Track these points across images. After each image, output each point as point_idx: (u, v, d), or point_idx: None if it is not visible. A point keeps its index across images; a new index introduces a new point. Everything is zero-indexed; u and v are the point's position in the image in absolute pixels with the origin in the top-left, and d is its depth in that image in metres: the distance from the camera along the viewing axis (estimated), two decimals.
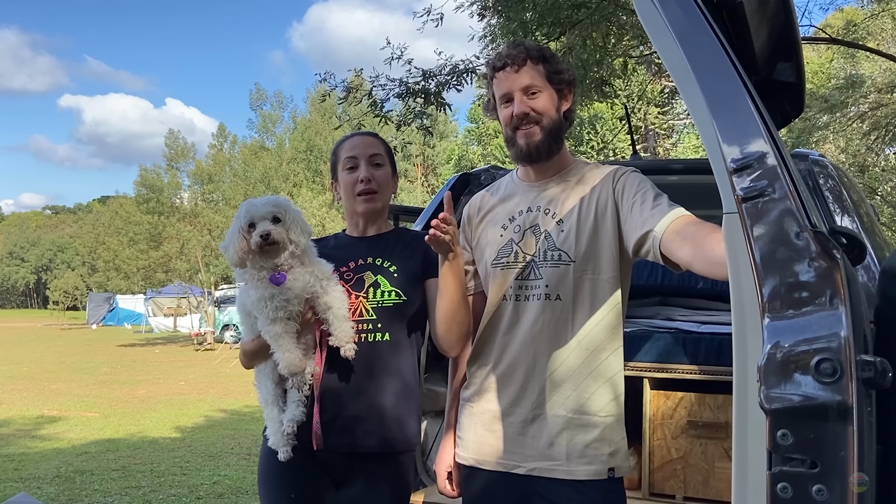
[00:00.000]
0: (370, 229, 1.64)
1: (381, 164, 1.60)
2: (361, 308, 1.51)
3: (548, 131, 1.39)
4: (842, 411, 0.81)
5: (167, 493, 4.42)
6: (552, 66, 1.40)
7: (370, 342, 1.49)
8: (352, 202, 1.59)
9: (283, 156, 25.52)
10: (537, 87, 1.38)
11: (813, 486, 0.82)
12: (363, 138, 1.64)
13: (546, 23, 5.81)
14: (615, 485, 1.36)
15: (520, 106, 1.38)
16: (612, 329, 1.38)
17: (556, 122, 1.40)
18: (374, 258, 1.57)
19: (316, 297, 1.47)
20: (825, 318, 0.83)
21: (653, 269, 2.63)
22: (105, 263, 21.84)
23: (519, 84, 1.38)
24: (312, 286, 1.46)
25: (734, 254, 0.90)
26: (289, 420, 1.47)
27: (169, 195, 20.15)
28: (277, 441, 1.49)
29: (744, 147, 0.90)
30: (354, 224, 1.65)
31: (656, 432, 2.09)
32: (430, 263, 1.54)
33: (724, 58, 0.94)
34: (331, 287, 1.48)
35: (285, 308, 1.44)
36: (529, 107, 1.38)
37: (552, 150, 1.41)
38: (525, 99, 1.38)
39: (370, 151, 1.60)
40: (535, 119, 1.38)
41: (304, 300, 1.47)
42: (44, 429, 6.77)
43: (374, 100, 6.40)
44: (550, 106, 1.40)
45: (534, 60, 1.39)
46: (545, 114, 1.39)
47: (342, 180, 1.61)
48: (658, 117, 17.00)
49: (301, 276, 1.46)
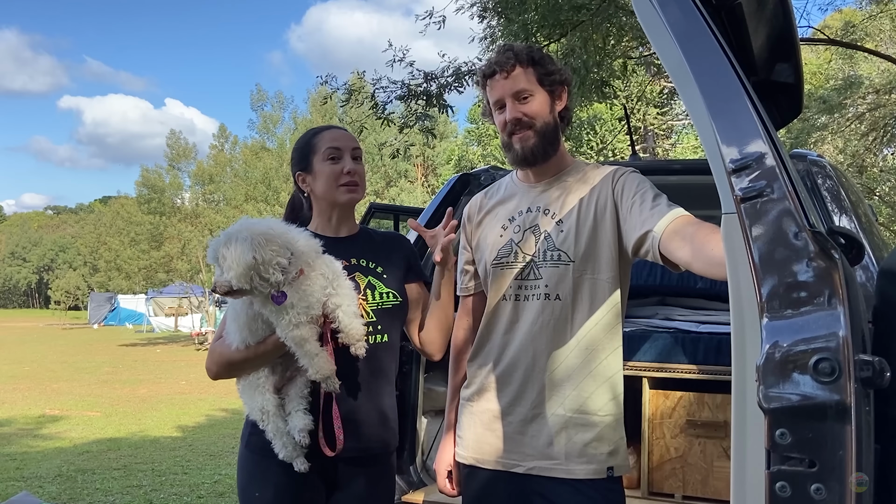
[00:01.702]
0: (343, 228, 1.58)
1: (359, 159, 1.58)
2: (361, 310, 1.49)
3: (542, 134, 1.39)
4: (840, 411, 0.81)
5: (168, 492, 4.43)
6: (543, 68, 1.40)
7: (371, 344, 1.47)
8: (333, 192, 1.53)
9: (283, 156, 25.51)
10: (528, 90, 1.39)
11: (811, 486, 0.82)
12: (344, 132, 1.61)
13: (546, 24, 5.82)
14: (614, 484, 1.36)
15: (512, 111, 1.39)
16: (612, 329, 1.38)
17: (549, 124, 1.40)
18: (359, 259, 1.54)
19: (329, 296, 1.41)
20: (823, 318, 0.83)
21: (652, 269, 2.63)
22: (106, 263, 21.86)
23: (510, 89, 1.39)
24: (325, 287, 1.40)
25: (733, 254, 0.90)
26: (300, 430, 1.38)
27: (170, 195, 20.18)
28: (290, 454, 1.41)
29: (742, 147, 0.90)
30: (327, 219, 1.58)
31: (655, 431, 2.09)
32: (411, 268, 1.58)
33: (722, 59, 0.95)
34: (341, 284, 1.43)
35: (307, 313, 1.37)
36: (521, 112, 1.38)
37: (548, 152, 1.41)
38: (517, 104, 1.39)
39: (353, 145, 1.57)
40: (528, 123, 1.39)
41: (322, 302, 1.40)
42: (45, 428, 6.78)
43: (376, 102, 6.41)
44: (543, 108, 1.40)
45: (523, 64, 1.39)
46: (538, 117, 1.39)
47: (321, 170, 1.53)
48: (657, 118, 17.00)
49: (315, 279, 1.39)
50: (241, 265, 1.31)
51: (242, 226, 1.38)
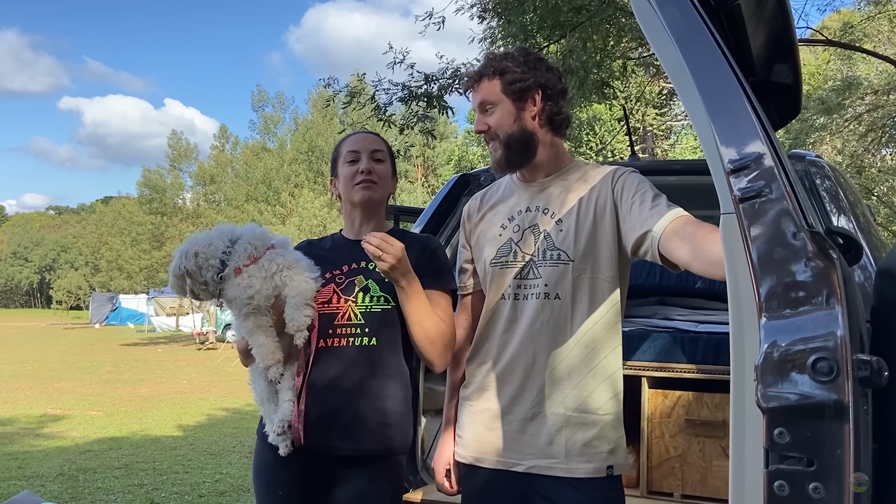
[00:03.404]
0: (365, 230, 1.60)
1: (381, 161, 1.61)
2: (350, 312, 1.50)
3: (505, 144, 1.42)
4: (838, 410, 0.81)
5: (169, 491, 4.43)
6: (509, 77, 1.41)
7: (357, 346, 1.49)
8: (349, 192, 1.59)
9: (284, 157, 25.55)
10: (491, 102, 1.42)
11: (809, 484, 0.82)
12: (366, 135, 1.66)
13: (546, 25, 5.82)
14: (614, 483, 1.36)
15: (476, 124, 1.45)
16: (611, 327, 1.39)
17: (513, 134, 1.41)
18: (368, 262, 1.55)
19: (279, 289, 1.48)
20: (822, 318, 0.83)
21: (651, 269, 2.63)
22: (108, 263, 21.91)
23: (475, 102, 1.45)
24: (270, 279, 1.47)
25: (731, 254, 0.91)
26: (279, 420, 1.48)
27: (172, 196, 20.21)
28: (275, 438, 1.50)
29: (741, 148, 0.91)
30: (351, 222, 1.64)
31: (654, 430, 2.09)
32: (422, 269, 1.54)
33: (721, 59, 0.95)
34: (293, 276, 1.48)
35: (249, 304, 1.47)
36: (485, 123, 1.43)
37: (515, 161, 1.43)
38: (481, 116, 1.44)
39: (372, 147, 1.61)
40: (492, 135, 1.43)
41: (269, 295, 1.47)
42: (47, 427, 6.79)
43: (377, 104, 6.42)
44: (504, 119, 1.41)
45: (489, 76, 1.42)
46: (499, 128, 1.42)
47: (342, 173, 1.60)
48: (656, 118, 16.99)
49: (254, 272, 1.47)
50: (171, 276, 1.52)
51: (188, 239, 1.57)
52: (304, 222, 21.19)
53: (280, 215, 22.55)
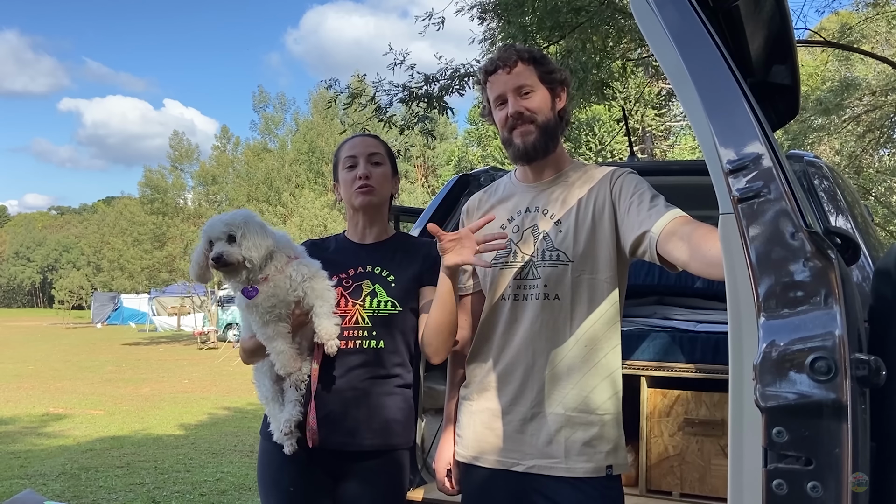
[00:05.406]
0: (369, 234, 1.65)
1: (380, 164, 1.63)
2: (358, 316, 1.54)
3: (543, 129, 1.40)
4: (836, 409, 0.81)
5: (171, 490, 4.44)
6: (544, 67, 1.42)
7: (364, 348, 1.53)
8: (350, 197, 1.62)
9: (285, 157, 25.56)
10: (529, 86, 1.40)
11: (808, 483, 0.83)
12: (363, 139, 1.68)
13: (546, 26, 5.83)
14: (613, 482, 1.37)
15: (514, 105, 1.40)
16: (611, 325, 1.39)
17: (550, 120, 1.41)
18: (374, 266, 1.59)
19: (302, 297, 1.50)
20: (820, 318, 0.84)
21: (650, 269, 2.63)
22: (110, 263, 21.93)
23: (511, 85, 1.40)
24: (294, 290, 1.49)
25: (730, 254, 0.91)
26: (285, 420, 1.50)
27: (173, 196, 20.23)
28: (281, 437, 1.52)
29: (740, 149, 0.91)
30: (354, 225, 1.67)
31: (653, 430, 2.10)
32: (426, 272, 1.58)
33: (720, 60, 0.95)
34: (316, 285, 1.50)
35: (272, 312, 1.48)
36: (523, 106, 1.40)
37: (548, 147, 1.42)
38: (518, 99, 1.40)
39: (369, 150, 1.63)
40: (529, 118, 1.40)
41: (290, 303, 1.50)
42: (49, 426, 6.81)
43: (378, 105, 6.43)
44: (544, 104, 1.41)
45: (525, 61, 1.40)
46: (539, 112, 1.40)
47: (342, 179, 1.64)
48: (655, 119, 16.99)
49: (281, 282, 1.48)
50: (264, 247, 1.47)
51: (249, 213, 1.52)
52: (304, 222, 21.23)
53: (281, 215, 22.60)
